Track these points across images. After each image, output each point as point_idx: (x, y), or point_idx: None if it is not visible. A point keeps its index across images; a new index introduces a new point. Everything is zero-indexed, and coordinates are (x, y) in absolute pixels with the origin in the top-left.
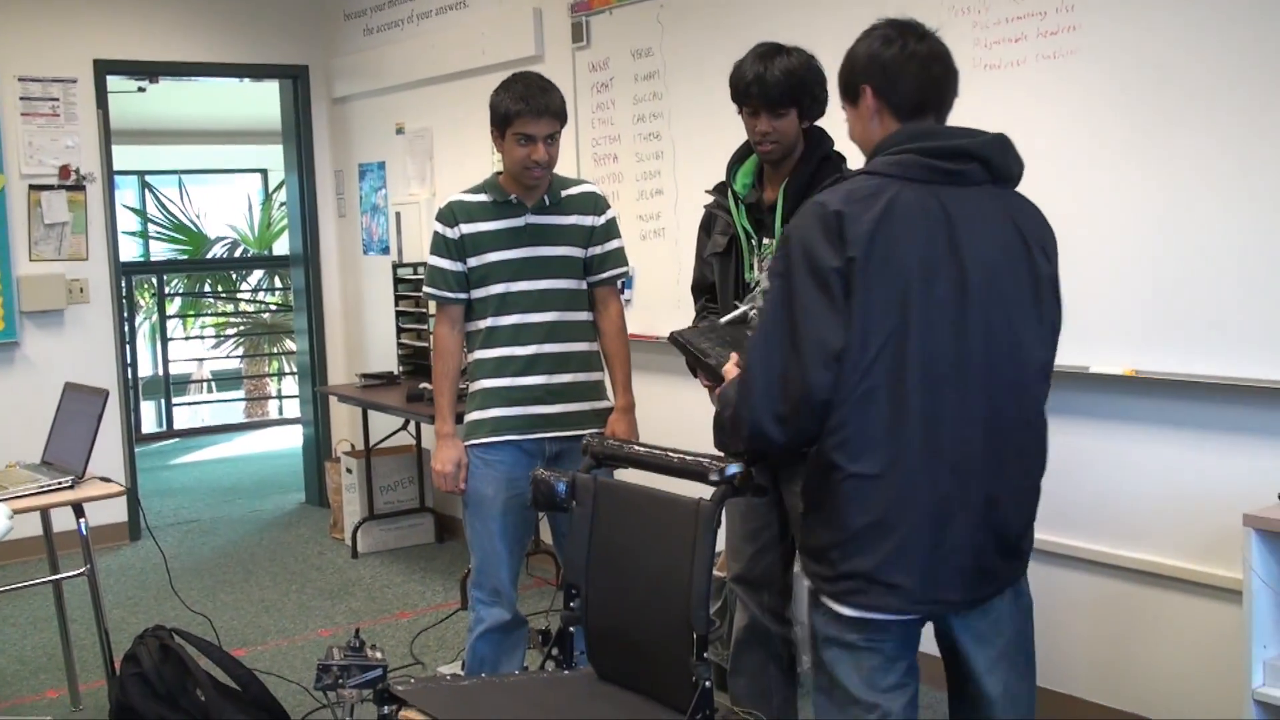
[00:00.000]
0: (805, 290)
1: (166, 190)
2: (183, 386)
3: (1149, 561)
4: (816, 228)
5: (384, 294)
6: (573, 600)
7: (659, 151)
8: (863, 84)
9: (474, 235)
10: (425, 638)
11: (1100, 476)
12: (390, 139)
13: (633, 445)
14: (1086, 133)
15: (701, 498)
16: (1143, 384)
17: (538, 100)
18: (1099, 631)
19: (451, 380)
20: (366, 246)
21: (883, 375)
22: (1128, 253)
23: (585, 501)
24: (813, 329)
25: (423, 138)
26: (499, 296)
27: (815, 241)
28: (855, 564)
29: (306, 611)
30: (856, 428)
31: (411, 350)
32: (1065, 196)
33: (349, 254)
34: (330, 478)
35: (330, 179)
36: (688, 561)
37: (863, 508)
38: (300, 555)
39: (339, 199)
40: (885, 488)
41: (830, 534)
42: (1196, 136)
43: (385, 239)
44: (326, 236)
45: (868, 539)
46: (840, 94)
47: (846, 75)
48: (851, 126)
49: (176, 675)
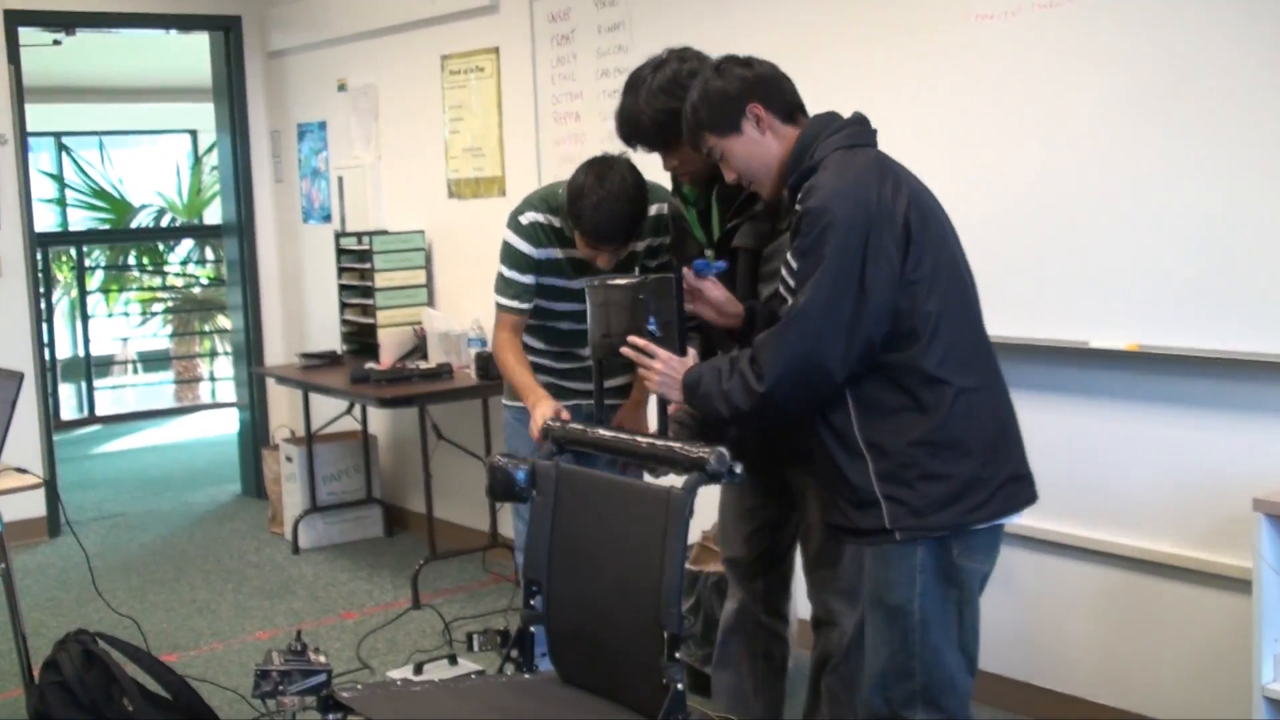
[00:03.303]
0: (870, 254)
1: (86, 153)
2: (105, 368)
3: (1152, 550)
4: (880, 197)
5: (326, 266)
6: (533, 597)
7: None
8: (749, 104)
9: (549, 261)
10: (373, 640)
11: (1100, 459)
12: (332, 97)
13: (597, 430)
14: (1087, 88)
15: (673, 486)
16: (1146, 359)
17: (603, 233)
18: (1098, 626)
19: (524, 363)
20: (306, 214)
21: (956, 297)
22: (1130, 218)
23: (546, 490)
24: (854, 302)
25: (367, 95)
26: (545, 310)
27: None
28: (1005, 469)
29: (243, 612)
30: (949, 346)
31: (356, 327)
32: (1063, 156)
33: (287, 222)
34: (268, 467)
35: (266, 141)
36: (658, 555)
37: (985, 419)
38: (236, 551)
39: (276, 162)
40: (990, 398)
41: (967, 461)
42: (1208, 90)
43: (327, 206)
44: (262, 203)
45: (1001, 444)
46: (714, 133)
47: (722, 111)
48: (739, 159)
49: (101, 683)
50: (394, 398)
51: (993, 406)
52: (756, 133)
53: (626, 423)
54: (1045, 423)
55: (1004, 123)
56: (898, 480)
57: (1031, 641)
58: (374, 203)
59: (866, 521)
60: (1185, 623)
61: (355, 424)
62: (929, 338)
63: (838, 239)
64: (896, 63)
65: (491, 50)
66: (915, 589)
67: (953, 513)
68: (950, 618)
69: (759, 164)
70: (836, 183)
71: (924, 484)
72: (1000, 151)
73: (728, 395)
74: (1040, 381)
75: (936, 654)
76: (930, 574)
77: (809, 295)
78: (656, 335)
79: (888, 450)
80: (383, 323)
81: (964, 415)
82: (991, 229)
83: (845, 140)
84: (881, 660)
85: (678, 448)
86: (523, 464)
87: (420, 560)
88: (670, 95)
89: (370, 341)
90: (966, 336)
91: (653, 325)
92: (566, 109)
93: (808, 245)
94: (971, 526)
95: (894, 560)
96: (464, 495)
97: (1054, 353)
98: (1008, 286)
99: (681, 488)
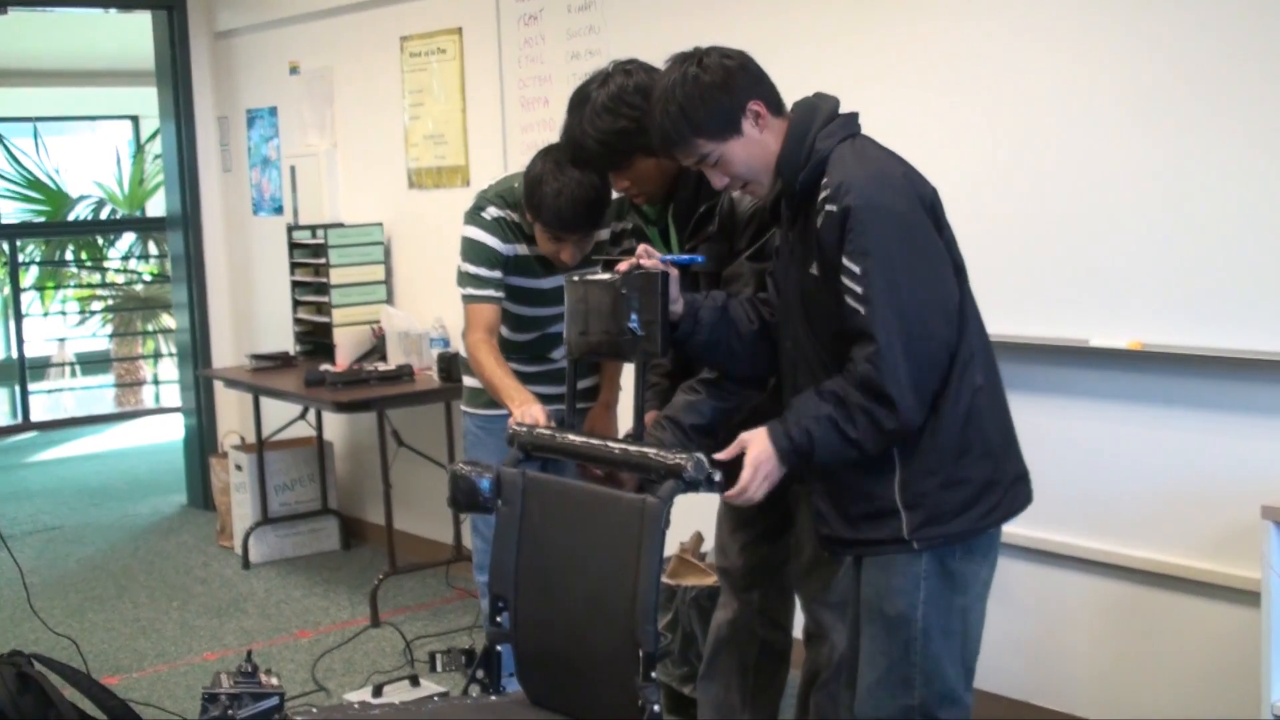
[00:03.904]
0: (926, 238)
1: (19, 141)
2: (41, 371)
3: (1155, 560)
4: (907, 178)
5: (277, 261)
6: (500, 614)
7: None
8: (749, 101)
9: (517, 259)
10: (330, 660)
11: (1100, 464)
12: (284, 80)
13: (567, 435)
14: (1088, 82)
15: (647, 495)
16: (1149, 359)
17: (566, 221)
18: (1099, 640)
19: (505, 363)
20: (256, 206)
21: (966, 287)
22: (1133, 210)
23: (513, 500)
24: (939, 285)
25: (322, 79)
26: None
27: (916, 188)
28: (1012, 468)
29: (190, 632)
30: (971, 339)
31: (310, 327)
32: (1063, 147)
33: (236, 215)
34: (216, 476)
35: (213, 127)
36: (632, 568)
37: (998, 416)
38: (182, 566)
39: (223, 151)
40: (998, 394)
41: (986, 463)
42: (1214, 83)
43: (278, 197)
44: (209, 194)
45: (1009, 442)
46: (710, 138)
47: (719, 112)
48: (740, 163)
49: (37, 708)
50: (351, 402)
51: (999, 402)
52: (756, 131)
53: (597, 426)
54: (1043, 426)
55: (999, 116)
56: (920, 487)
57: (1029, 658)
58: (329, 194)
59: (879, 532)
60: (1190, 636)
61: (309, 430)
62: (959, 329)
63: (895, 228)
64: (891, 55)
65: (454, 31)
66: (919, 596)
67: (970, 517)
68: (954, 627)
69: (760, 165)
70: (866, 173)
71: (946, 490)
72: (996, 144)
73: (860, 444)
74: (1037, 382)
75: (938, 665)
76: (934, 580)
77: (892, 292)
78: (639, 334)
79: (917, 454)
80: (338, 322)
81: (982, 413)
82: (986, 221)
83: (844, 129)
84: (878, 671)
85: (652, 454)
86: (487, 472)
87: (379, 575)
88: (616, 114)
89: (325, 342)
90: (977, 327)
91: (635, 323)
92: (534, 94)
93: (869, 244)
94: (984, 531)
95: (897, 567)
96: (426, 506)
97: (1052, 352)
98: (1003, 281)
99: (657, 496)
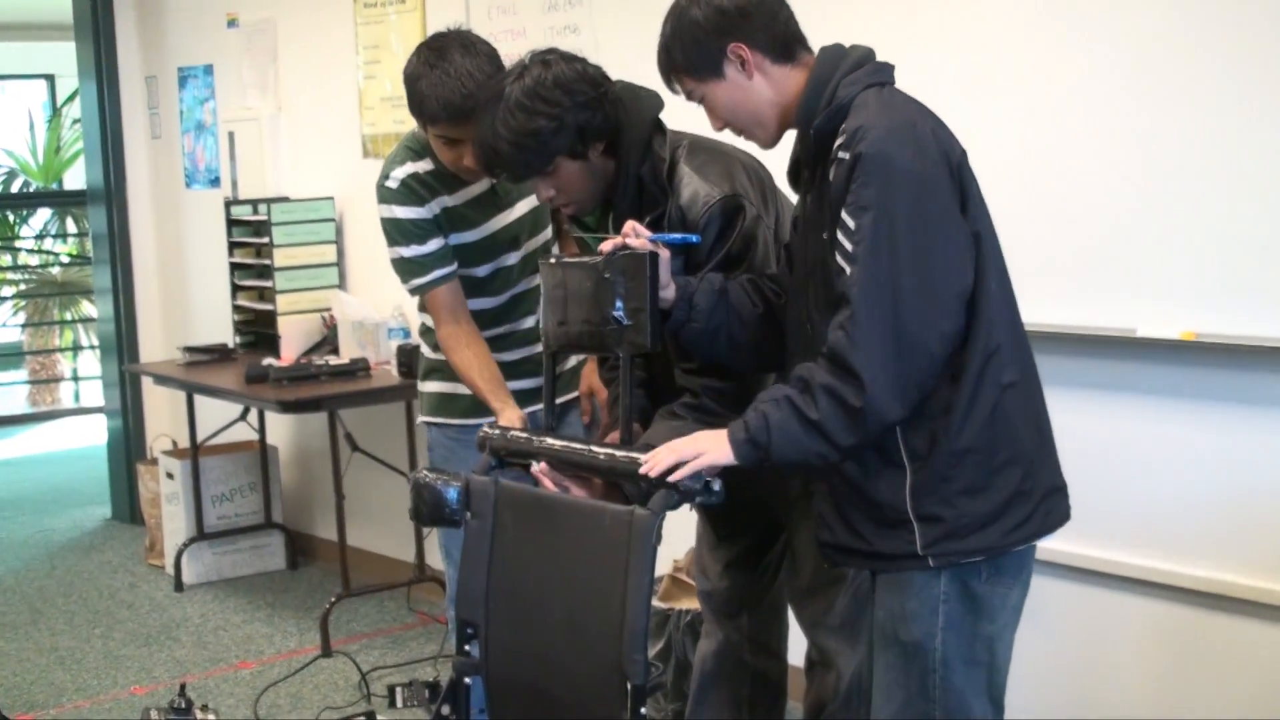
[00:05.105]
0: (942, 209)
1: None
2: None
3: (1211, 580)
4: (935, 136)
5: (214, 240)
6: (469, 642)
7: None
8: (730, 44)
9: (445, 214)
10: (274, 694)
11: (1148, 471)
12: (220, 34)
13: (544, 438)
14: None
15: (637, 506)
16: (1203, 351)
17: (455, 108)
18: (1148, 668)
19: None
20: (190, 178)
21: (1000, 270)
22: (1184, 187)
23: (483, 512)
24: (944, 264)
25: (264, 32)
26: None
27: (944, 148)
28: (1045, 479)
29: (115, 663)
30: (1000, 330)
31: (251, 315)
32: (1108, 121)
33: (166, 188)
34: (145, 485)
35: (140, 88)
36: (619, 590)
37: (1029, 419)
38: (106, 588)
39: (152, 115)
40: (1030, 394)
41: (1012, 471)
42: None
43: (215, 168)
44: (136, 165)
45: (1042, 449)
46: (691, 76)
47: (697, 51)
48: (723, 108)
49: None
50: (298, 400)
51: (1033, 404)
52: (741, 77)
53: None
54: (1083, 426)
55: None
56: (936, 496)
57: (1068, 689)
58: (272, 164)
59: (889, 545)
60: (1249, 664)
61: (251, 433)
62: (987, 320)
63: (907, 187)
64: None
65: None
66: (938, 622)
67: (993, 533)
68: (979, 657)
69: (745, 113)
70: (889, 122)
71: (965, 500)
72: (1035, 117)
73: (822, 426)
74: (1077, 377)
75: (961, 700)
76: (955, 604)
77: (886, 256)
78: (625, 324)
79: (931, 459)
80: (284, 309)
81: (1010, 415)
82: (1023, 201)
83: (872, 77)
84: (895, 706)
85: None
86: (454, 480)
87: (331, 598)
88: (531, 112)
89: (268, 332)
90: (1009, 319)
91: (619, 311)
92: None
93: (871, 197)
94: (1011, 549)
95: (913, 588)
96: (384, 519)
97: (1094, 343)
98: (1041, 265)
99: (648, 508)
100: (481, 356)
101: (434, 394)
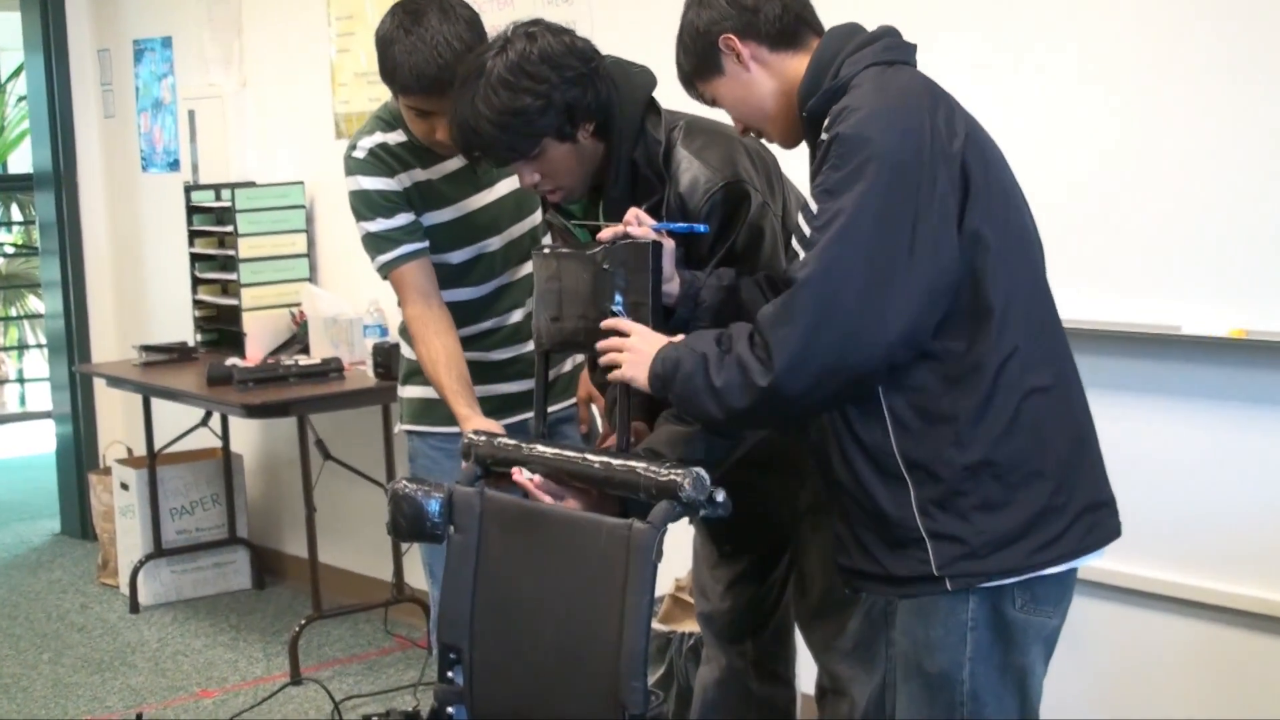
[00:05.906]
0: (921, 204)
1: None
2: None
3: (1262, 600)
4: (931, 121)
5: (173, 229)
6: (451, 668)
7: (571, 20)
8: (720, 37)
9: (416, 188)
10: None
11: (1195, 480)
12: (180, 4)
13: (535, 446)
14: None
15: (635, 519)
16: (1254, 349)
17: (428, 79)
18: (1193, 695)
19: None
20: (147, 161)
21: (1027, 268)
22: (1231, 171)
23: (468, 526)
24: (910, 269)
25: (227, 2)
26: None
27: (929, 122)
28: (1083, 494)
29: (64, 691)
30: (1021, 333)
31: (214, 311)
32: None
33: (121, 171)
34: (98, 497)
35: (92, 62)
36: (616, 611)
37: (1060, 428)
38: (54, 610)
39: (105, 91)
40: (1065, 401)
41: (1038, 484)
42: None
43: (174, 149)
44: (87, 146)
45: (1078, 461)
46: (701, 79)
47: (697, 51)
48: (729, 104)
49: None
50: (265, 404)
51: (1068, 412)
52: (739, 69)
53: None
54: (1124, 432)
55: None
56: (948, 511)
57: (1109, 716)
58: (236, 145)
59: (903, 567)
60: None
61: (214, 440)
62: (998, 321)
63: (882, 174)
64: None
65: None
66: (965, 652)
67: (1018, 552)
68: (1009, 690)
69: (750, 107)
70: (879, 102)
71: (982, 516)
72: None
73: (720, 395)
74: (1114, 378)
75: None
76: (984, 631)
77: (838, 246)
78: None
79: (937, 472)
80: (249, 304)
81: (1035, 424)
82: (1060, 190)
83: (879, 55)
84: None
85: (641, 469)
86: (436, 491)
87: (301, 620)
88: (515, 89)
89: (233, 329)
90: (1039, 319)
91: (619, 306)
92: (492, 21)
93: (838, 181)
94: (1041, 570)
95: (937, 614)
96: (359, 534)
97: (1136, 341)
98: (1073, 257)
99: (648, 521)
100: (451, 351)
101: (416, 399)
